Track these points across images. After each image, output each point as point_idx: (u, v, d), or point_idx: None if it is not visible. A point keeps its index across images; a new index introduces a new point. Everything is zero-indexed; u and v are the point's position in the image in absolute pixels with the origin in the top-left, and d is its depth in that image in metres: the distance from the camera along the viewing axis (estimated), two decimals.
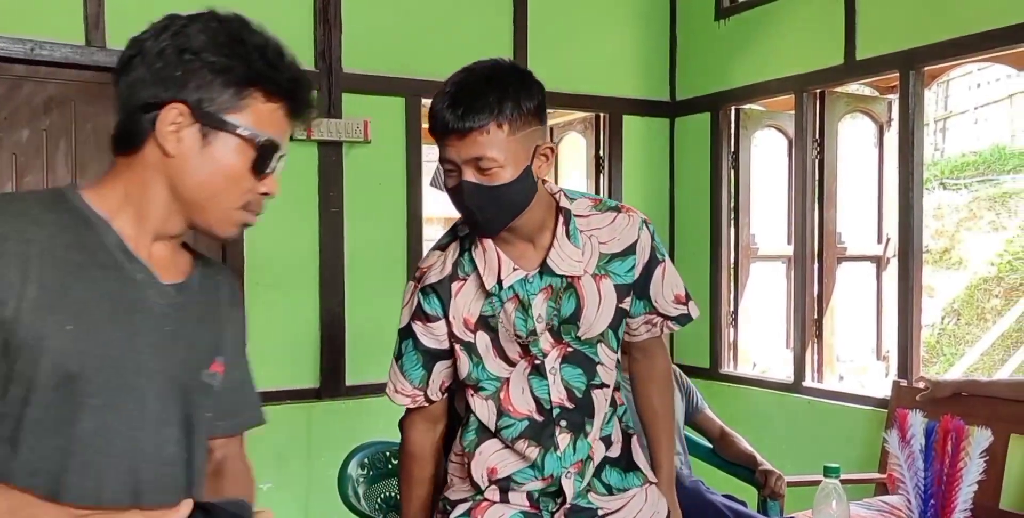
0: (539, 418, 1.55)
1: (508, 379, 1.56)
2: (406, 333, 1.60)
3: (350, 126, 3.39)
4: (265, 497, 2.01)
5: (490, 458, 1.57)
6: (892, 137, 3.74)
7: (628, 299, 1.62)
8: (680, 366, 3.13)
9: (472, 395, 1.58)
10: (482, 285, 1.53)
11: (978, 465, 1.62)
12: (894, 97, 3.72)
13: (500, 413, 1.56)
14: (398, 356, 1.62)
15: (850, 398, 3.45)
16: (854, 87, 4.08)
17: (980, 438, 1.62)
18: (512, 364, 1.56)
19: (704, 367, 4.05)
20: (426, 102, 3.87)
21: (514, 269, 1.52)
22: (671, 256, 4.22)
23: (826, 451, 3.35)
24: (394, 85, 3.54)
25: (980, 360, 7.27)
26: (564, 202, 1.57)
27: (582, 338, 1.56)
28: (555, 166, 4.56)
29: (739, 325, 4.04)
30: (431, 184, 3.56)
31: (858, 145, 3.89)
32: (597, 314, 1.56)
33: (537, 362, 1.55)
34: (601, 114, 4.14)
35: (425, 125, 3.81)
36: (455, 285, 1.55)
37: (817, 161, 3.72)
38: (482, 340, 1.56)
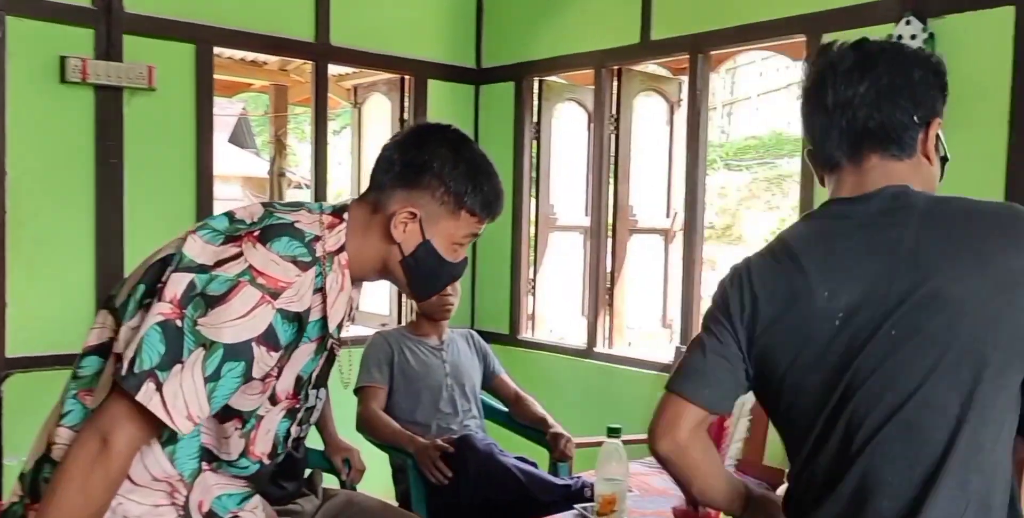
0: (267, 461, 1.44)
1: (263, 418, 1.40)
2: (239, 353, 1.25)
3: (132, 71, 3.13)
4: None
5: (211, 489, 1.41)
6: (682, 116, 3.92)
7: None
8: (480, 332, 3.17)
9: (235, 428, 1.38)
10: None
11: (743, 424, 1.72)
12: (685, 78, 3.90)
13: (244, 452, 1.40)
14: (213, 376, 1.24)
15: (638, 363, 3.62)
16: (652, 68, 4.24)
17: (744, 399, 1.72)
18: (274, 404, 1.39)
19: (504, 333, 4.12)
20: (219, 51, 3.65)
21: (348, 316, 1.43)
22: None
23: (615, 413, 3.49)
24: (183, 30, 3.31)
25: None
26: None
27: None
28: (358, 128, 4.46)
29: (538, 293, 4.13)
30: (230, 141, 3.36)
31: (651, 123, 4.04)
32: None
33: (298, 405, 1.43)
34: (406, 76, 4.08)
35: (218, 75, 3.62)
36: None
37: (613, 136, 3.84)
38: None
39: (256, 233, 1.29)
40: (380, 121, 4.27)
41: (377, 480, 2.73)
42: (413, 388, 2.73)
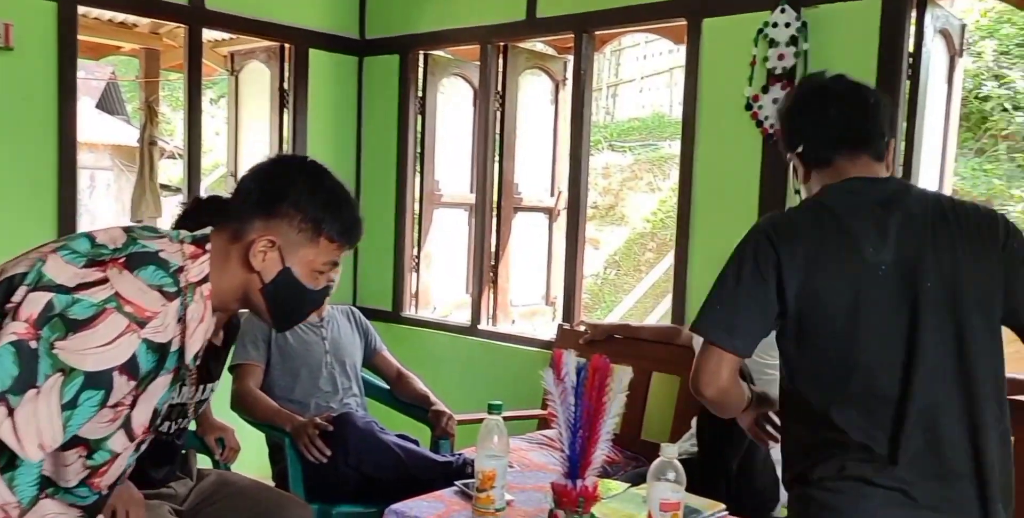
0: (106, 492, 1.39)
1: (119, 454, 1.34)
2: (100, 382, 1.20)
3: None
4: None
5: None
6: (567, 95, 3.95)
7: None
8: (362, 309, 3.12)
9: (79, 456, 1.31)
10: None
11: (620, 399, 1.75)
12: (570, 57, 3.93)
13: (85, 481, 1.34)
14: (70, 404, 1.18)
15: (521, 340, 3.65)
16: (538, 46, 4.25)
17: (622, 375, 1.76)
18: (132, 440, 1.34)
19: (387, 310, 4.08)
20: (84, 10, 3.44)
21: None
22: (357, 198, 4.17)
23: (499, 390, 3.51)
24: None
25: (635, 307, 8.03)
26: None
27: None
28: (235, 98, 4.30)
29: (421, 270, 4.10)
30: (97, 107, 3.19)
31: (537, 101, 4.05)
32: None
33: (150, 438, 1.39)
34: (286, 45, 3.95)
35: (83, 36, 3.41)
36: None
37: (499, 113, 3.83)
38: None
39: (122, 260, 1.25)
40: (259, 91, 4.13)
41: (253, 460, 2.67)
42: (291, 366, 2.67)
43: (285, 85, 3.99)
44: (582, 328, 3.26)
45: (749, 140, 2.95)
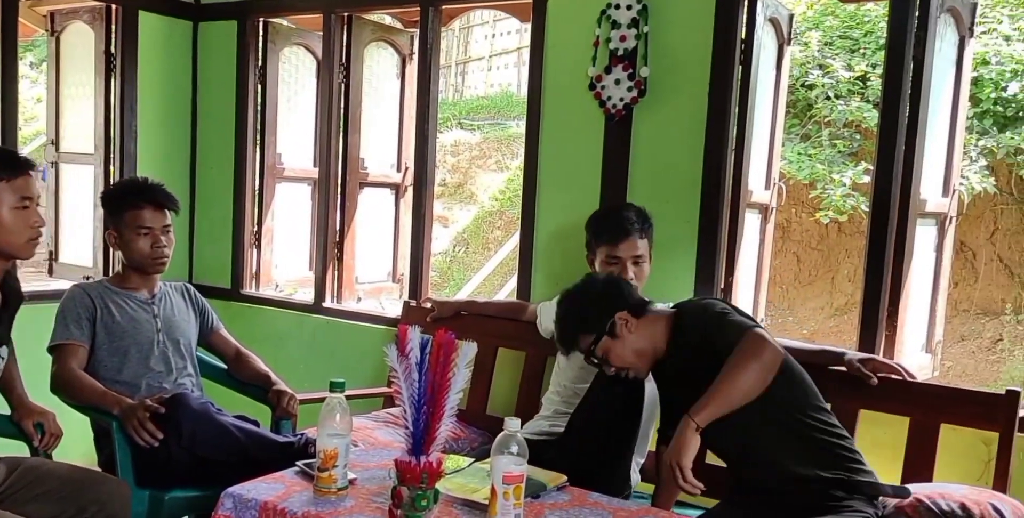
0: None
1: None
2: None
3: None
4: None
5: None
6: (414, 70, 3.90)
7: None
8: (200, 287, 2.99)
9: None
10: None
11: (464, 374, 1.76)
12: (417, 31, 3.88)
13: None
14: None
15: (367, 318, 3.60)
16: (388, 20, 4.17)
17: (467, 350, 1.76)
18: None
19: (226, 288, 3.93)
20: None
21: None
22: (191, 177, 3.98)
23: (344, 369, 3.46)
24: None
25: (483, 284, 8.10)
26: None
27: None
28: (56, 61, 3.99)
29: (263, 246, 3.96)
30: None
31: (383, 74, 3.98)
32: None
33: None
34: (112, 5, 3.69)
35: None
36: None
37: (343, 85, 3.74)
38: None
39: None
40: (83, 54, 3.85)
41: (77, 446, 2.52)
42: (119, 345, 2.52)
43: (112, 49, 3.75)
44: (428, 305, 3.25)
45: (593, 120, 3.00)
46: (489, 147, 11.19)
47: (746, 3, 2.80)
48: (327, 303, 3.73)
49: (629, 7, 2.89)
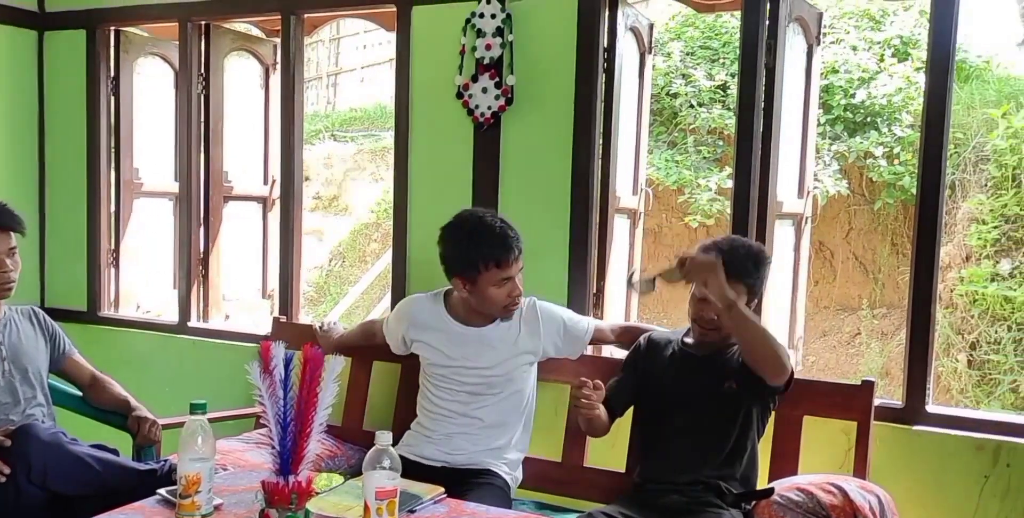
0: None
1: None
2: None
3: None
4: None
5: None
6: (278, 80, 3.80)
7: None
8: (53, 310, 2.82)
9: None
10: None
11: (332, 389, 1.70)
12: (279, 40, 3.78)
13: None
14: None
15: (236, 336, 3.47)
16: (246, 27, 4.05)
17: (335, 364, 1.71)
18: None
19: (81, 310, 3.72)
20: None
21: None
22: (40, 195, 3.75)
23: (213, 390, 3.30)
24: None
25: (361, 298, 7.97)
26: None
27: None
28: None
29: (121, 265, 3.77)
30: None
31: (246, 85, 3.86)
32: None
33: None
34: None
35: None
36: None
37: (203, 96, 3.61)
38: None
39: None
40: None
41: None
42: None
43: None
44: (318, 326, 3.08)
45: (462, 128, 2.99)
46: (364, 159, 11.06)
47: (607, 13, 2.85)
48: (192, 322, 3.57)
49: (493, 16, 2.90)
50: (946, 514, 2.43)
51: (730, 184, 5.88)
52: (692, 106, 6.08)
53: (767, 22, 2.64)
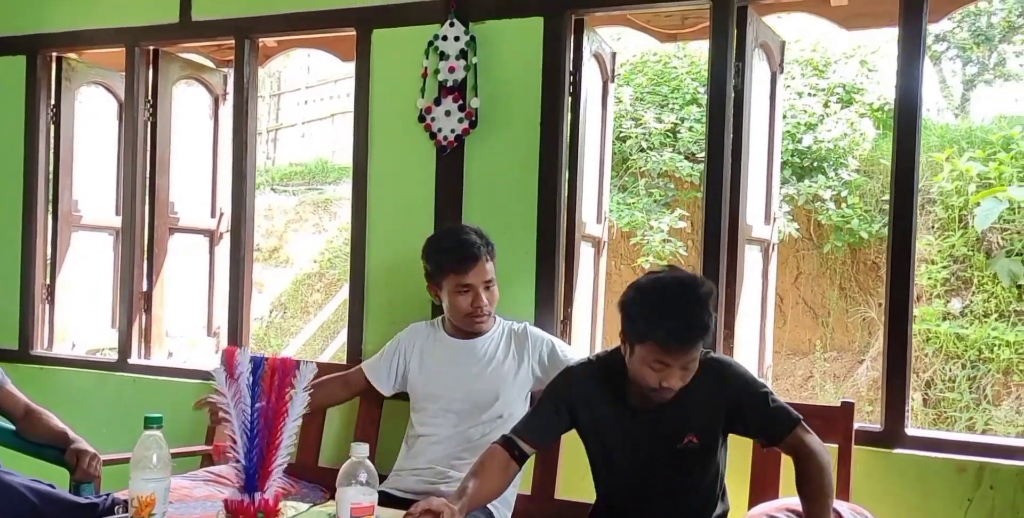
0: None
1: None
2: None
3: None
4: None
5: None
6: (228, 110, 3.71)
7: None
8: None
9: None
10: None
11: (303, 398, 1.57)
12: (229, 70, 3.70)
13: None
14: None
15: (180, 373, 3.28)
16: (194, 57, 3.94)
17: (306, 372, 1.58)
18: None
19: (13, 349, 3.49)
20: None
21: None
22: None
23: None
24: None
25: (303, 348, 7.73)
26: None
27: None
28: None
29: (56, 301, 3.55)
30: None
31: (194, 114, 3.74)
32: None
33: None
34: None
35: None
36: None
37: (150, 124, 3.48)
38: None
39: None
40: None
41: None
42: None
43: None
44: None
45: (424, 152, 2.91)
46: (305, 210, 10.92)
47: (572, 37, 2.82)
48: (133, 359, 3.36)
49: (457, 38, 2.86)
50: None
51: (682, 225, 5.97)
52: (643, 150, 6.12)
53: (735, 44, 2.64)
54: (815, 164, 5.80)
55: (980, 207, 4.93)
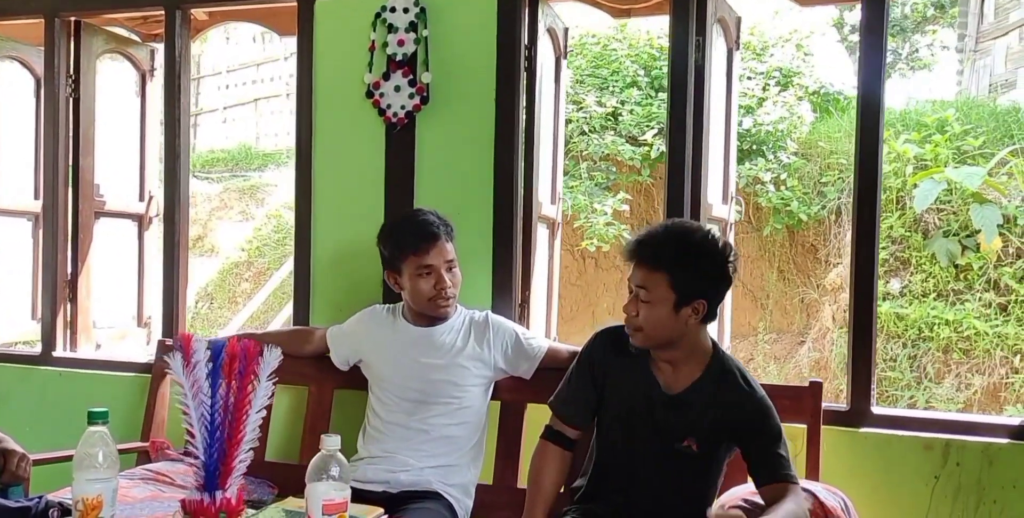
0: None
1: None
2: None
3: None
4: None
5: None
6: (156, 87, 3.49)
7: None
8: None
9: None
10: None
11: (268, 388, 1.44)
12: (156, 45, 3.49)
13: None
14: None
15: (110, 366, 3.08)
16: (119, 30, 3.71)
17: (270, 358, 1.45)
18: None
19: None
20: None
21: None
22: None
23: (83, 425, 2.90)
24: None
25: None
26: None
27: None
28: None
29: None
30: None
31: (119, 91, 3.51)
32: None
33: None
34: None
35: None
36: None
37: (72, 100, 3.25)
38: None
39: None
40: None
41: None
42: None
43: None
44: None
45: (372, 130, 2.77)
46: (231, 197, 10.60)
47: (527, 10, 2.71)
48: (58, 352, 3.15)
49: (406, 10, 2.72)
50: (899, 516, 2.35)
51: (625, 208, 5.92)
52: (584, 133, 6.05)
53: (695, 18, 2.58)
54: (755, 147, 5.83)
55: (918, 188, 5.00)
